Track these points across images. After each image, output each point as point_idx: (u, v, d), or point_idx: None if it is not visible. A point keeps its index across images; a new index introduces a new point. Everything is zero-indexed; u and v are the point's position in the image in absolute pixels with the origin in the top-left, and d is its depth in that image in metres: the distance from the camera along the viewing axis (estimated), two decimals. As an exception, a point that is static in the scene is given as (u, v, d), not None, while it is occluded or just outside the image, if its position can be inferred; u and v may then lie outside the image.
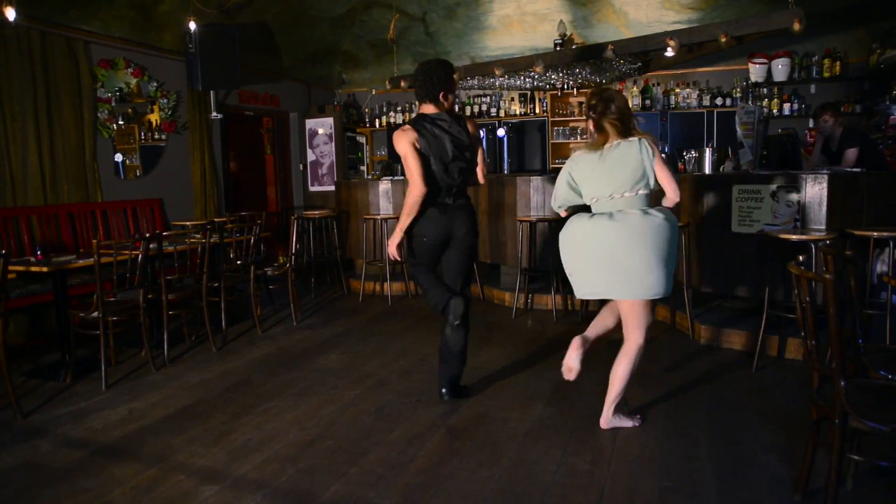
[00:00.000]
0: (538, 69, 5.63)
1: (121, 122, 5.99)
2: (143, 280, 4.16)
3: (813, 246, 3.67)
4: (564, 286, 5.71)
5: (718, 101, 7.30)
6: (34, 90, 5.08)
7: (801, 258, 2.21)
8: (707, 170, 4.96)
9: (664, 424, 3.19)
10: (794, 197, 4.04)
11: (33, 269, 3.88)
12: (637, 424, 3.15)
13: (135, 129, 6.21)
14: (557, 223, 5.44)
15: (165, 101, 6.39)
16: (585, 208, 3.11)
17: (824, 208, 3.97)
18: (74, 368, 4.15)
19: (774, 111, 7.19)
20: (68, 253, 5.13)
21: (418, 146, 3.30)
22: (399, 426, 3.27)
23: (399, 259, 3.49)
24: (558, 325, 5.25)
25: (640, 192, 2.90)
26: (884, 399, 2.10)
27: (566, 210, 3.19)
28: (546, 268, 5.65)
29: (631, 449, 2.93)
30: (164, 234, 4.51)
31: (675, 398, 3.52)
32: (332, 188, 8.10)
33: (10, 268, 3.86)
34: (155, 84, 6.28)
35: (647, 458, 2.84)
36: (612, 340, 3.31)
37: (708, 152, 4.96)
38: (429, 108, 3.38)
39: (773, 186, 4.11)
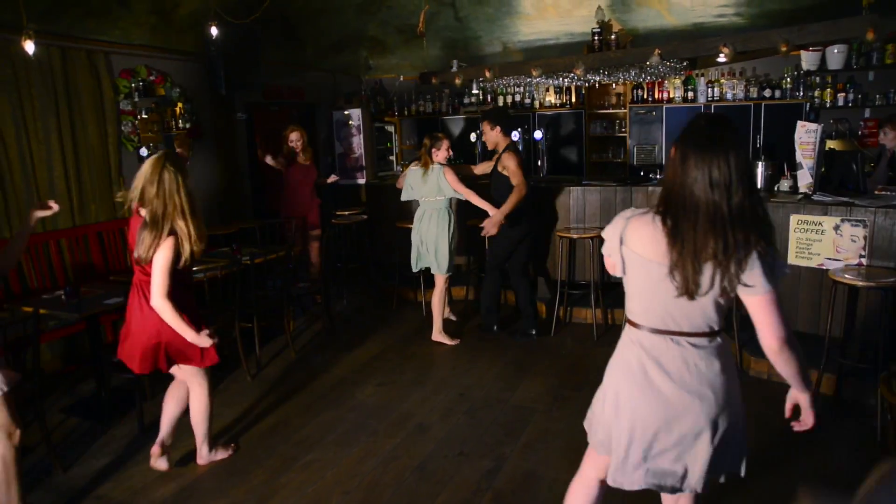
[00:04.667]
0: (578, 72, 5.31)
1: (144, 115, 5.79)
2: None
3: (883, 294, 3.42)
4: (604, 299, 5.53)
5: (767, 92, 6.87)
6: (57, 110, 4.93)
7: None
8: (759, 185, 4.66)
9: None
10: (859, 232, 3.76)
11: (63, 315, 3.80)
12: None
13: (158, 119, 5.99)
14: (599, 238, 5.23)
15: (189, 105, 6.21)
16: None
17: (895, 244, 3.69)
18: (110, 405, 4.12)
19: (827, 101, 6.75)
20: (98, 276, 5.10)
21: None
22: (444, 489, 3.17)
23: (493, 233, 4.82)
24: (599, 344, 5.08)
25: (438, 198, 4.89)
26: None
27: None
28: (586, 280, 5.44)
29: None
30: (195, 268, 4.39)
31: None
32: (363, 181, 7.90)
33: (44, 311, 3.82)
34: (178, 90, 6.09)
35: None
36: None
37: (760, 167, 4.65)
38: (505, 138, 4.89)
39: (838, 219, 3.83)
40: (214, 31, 5.77)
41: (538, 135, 6.02)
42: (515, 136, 6.32)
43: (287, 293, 5.15)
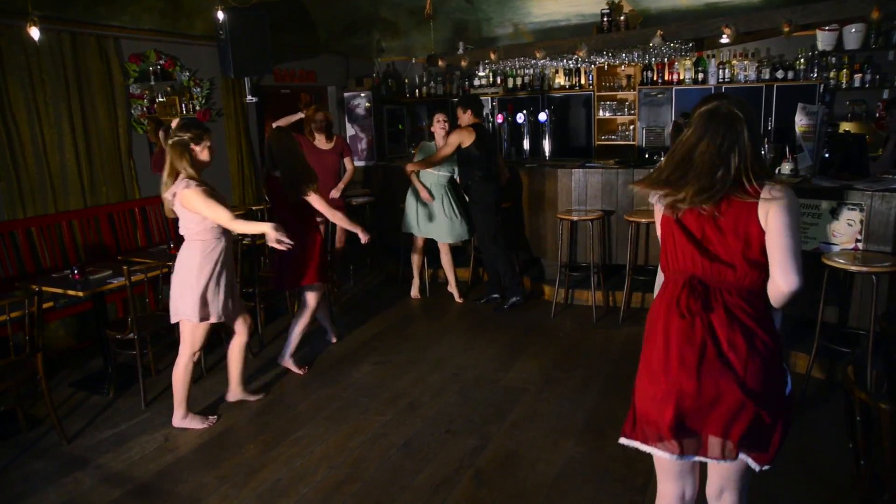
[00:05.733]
0: (581, 53, 5.27)
1: (161, 99, 5.97)
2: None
3: (875, 279, 3.38)
4: (606, 282, 5.54)
5: (780, 73, 6.72)
6: (67, 94, 5.07)
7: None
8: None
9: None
10: (856, 216, 3.71)
11: (70, 292, 3.95)
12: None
13: (176, 101, 6.14)
14: (600, 220, 5.23)
15: (199, 89, 6.31)
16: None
17: (891, 229, 3.63)
18: (116, 381, 4.28)
19: (843, 83, 6.59)
20: (110, 257, 5.25)
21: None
22: (427, 466, 3.24)
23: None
24: (598, 327, 5.09)
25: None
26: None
27: None
28: (587, 262, 5.45)
29: None
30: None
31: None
32: (374, 163, 7.96)
33: (50, 289, 3.98)
34: (187, 73, 6.19)
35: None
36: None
37: (766, 150, 4.58)
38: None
39: (834, 203, 3.78)
40: (221, 15, 5.87)
41: (542, 117, 5.98)
42: (521, 118, 6.32)
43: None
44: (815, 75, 6.58)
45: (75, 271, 4.12)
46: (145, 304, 5.24)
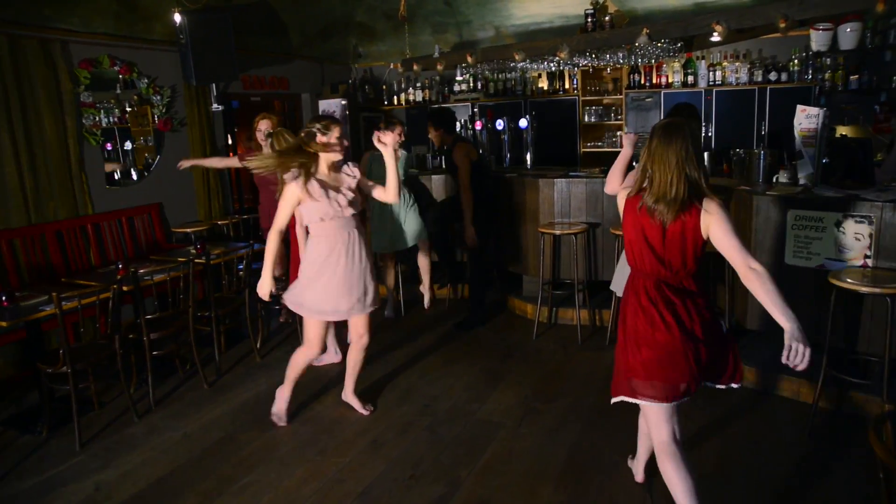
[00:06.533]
0: (562, 55, 4.92)
1: (129, 108, 5.70)
2: (115, 327, 3.80)
3: (889, 301, 3.01)
4: (592, 299, 5.17)
5: (773, 75, 6.39)
6: (7, 102, 4.67)
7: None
8: (758, 177, 4.24)
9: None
10: (864, 229, 3.35)
11: (-7, 323, 3.54)
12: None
13: (147, 111, 5.82)
14: (584, 233, 4.86)
15: (159, 97, 5.93)
16: None
17: (903, 243, 3.28)
18: (51, 418, 3.86)
19: (840, 84, 6.26)
20: (57, 279, 4.82)
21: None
22: (386, 520, 2.85)
23: None
24: (583, 349, 4.72)
25: None
26: None
27: None
28: (571, 279, 5.08)
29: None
30: (141, 270, 4.11)
31: (719, 457, 3.00)
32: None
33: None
34: (146, 80, 5.80)
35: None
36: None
37: (760, 156, 4.24)
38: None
39: (839, 215, 3.42)
40: (178, 18, 5.50)
41: (523, 123, 5.63)
42: (500, 124, 5.97)
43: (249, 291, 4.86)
44: (810, 77, 6.26)
45: (3, 298, 3.71)
46: (95, 329, 4.82)
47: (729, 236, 2.19)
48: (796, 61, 6.36)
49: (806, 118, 3.75)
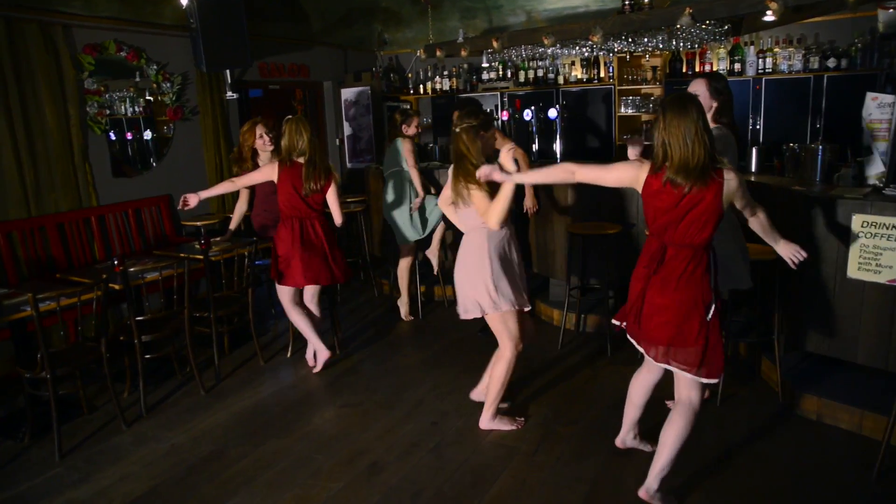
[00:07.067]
0: (596, 38, 4.47)
1: (149, 98, 5.59)
2: (100, 328, 3.54)
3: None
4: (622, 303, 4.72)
5: (832, 62, 5.78)
6: (5, 89, 4.45)
7: None
8: (816, 176, 3.74)
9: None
10: (945, 238, 2.86)
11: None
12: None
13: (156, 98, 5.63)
14: (618, 234, 4.42)
15: (169, 84, 5.67)
16: None
17: None
18: (35, 423, 3.63)
19: (907, 73, 5.64)
20: (57, 273, 4.60)
21: None
22: (376, 562, 2.50)
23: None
24: (612, 362, 4.29)
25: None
26: None
27: None
28: (602, 283, 4.65)
29: None
30: (132, 268, 3.84)
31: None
32: (367, 164, 7.27)
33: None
34: (155, 67, 5.55)
35: None
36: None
37: (819, 152, 3.73)
38: None
39: (915, 220, 2.93)
40: (187, 0, 5.22)
41: (553, 113, 5.20)
42: (528, 114, 5.55)
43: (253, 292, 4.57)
44: (876, 63, 5.65)
45: (-15, 295, 3.49)
46: (90, 329, 4.60)
47: (747, 198, 2.42)
48: (859, 45, 5.74)
49: (877, 107, 3.25)
